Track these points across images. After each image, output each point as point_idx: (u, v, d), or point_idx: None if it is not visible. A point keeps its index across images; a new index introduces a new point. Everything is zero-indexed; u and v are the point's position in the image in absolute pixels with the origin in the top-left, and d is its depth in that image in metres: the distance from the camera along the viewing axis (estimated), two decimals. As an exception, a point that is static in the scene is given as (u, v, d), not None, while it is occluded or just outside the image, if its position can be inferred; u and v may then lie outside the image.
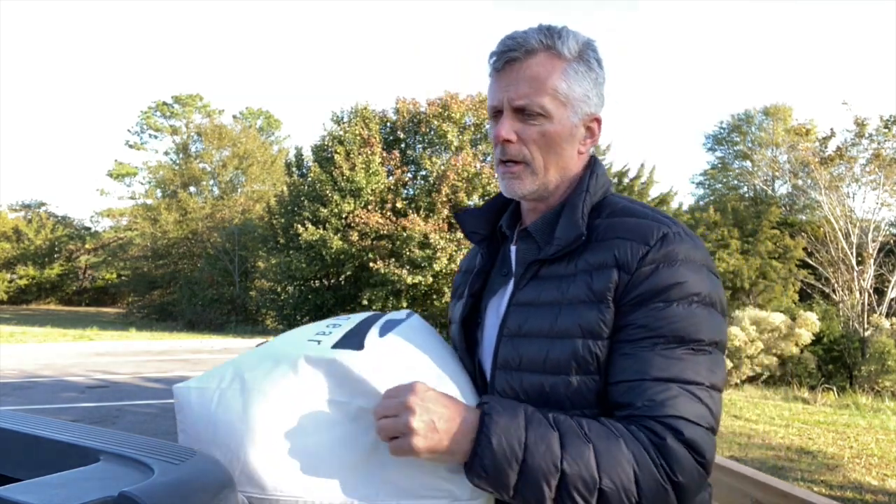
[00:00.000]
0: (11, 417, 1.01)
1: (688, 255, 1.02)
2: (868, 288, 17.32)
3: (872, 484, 5.35)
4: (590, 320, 1.01)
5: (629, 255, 1.01)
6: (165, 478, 0.78)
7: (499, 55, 1.10)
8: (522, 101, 1.08)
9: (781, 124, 30.05)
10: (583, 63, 1.11)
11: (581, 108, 1.11)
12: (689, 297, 0.99)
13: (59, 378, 9.80)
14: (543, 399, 1.03)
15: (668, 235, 1.02)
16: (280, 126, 40.04)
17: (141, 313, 28.94)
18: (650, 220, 1.05)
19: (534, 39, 1.08)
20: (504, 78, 1.09)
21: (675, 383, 0.96)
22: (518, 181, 1.12)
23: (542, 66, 1.08)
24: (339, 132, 20.60)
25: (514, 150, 1.10)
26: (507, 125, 1.09)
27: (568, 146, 1.12)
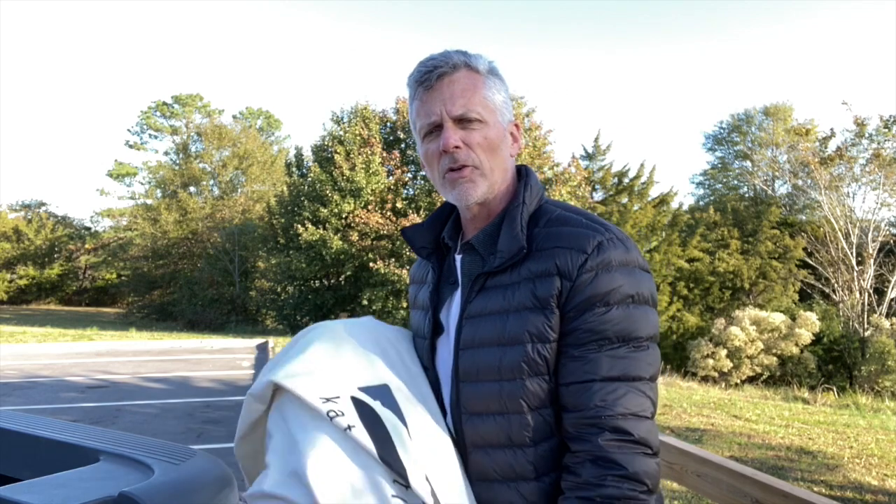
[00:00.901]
0: (11, 417, 1.01)
1: (621, 260, 1.10)
2: (868, 288, 17.32)
3: (872, 484, 5.35)
4: (536, 325, 1.09)
5: (569, 264, 1.09)
6: (165, 478, 0.78)
7: (429, 73, 1.18)
8: (462, 110, 1.17)
9: (781, 124, 30.03)
10: (495, 77, 1.23)
11: (505, 114, 1.23)
12: (625, 299, 1.08)
13: (59, 378, 9.80)
14: (503, 405, 1.11)
15: (602, 243, 1.10)
16: (280, 126, 40.07)
17: (141, 313, 28.92)
18: (585, 229, 1.13)
19: (454, 57, 1.19)
20: (436, 93, 1.18)
21: (622, 382, 1.06)
22: (471, 184, 1.18)
23: (468, 78, 1.19)
24: (339, 132, 20.60)
25: (464, 156, 1.17)
26: (452, 134, 1.16)
27: (504, 149, 1.22)
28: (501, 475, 1.12)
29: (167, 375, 10.39)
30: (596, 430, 1.03)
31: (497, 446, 1.12)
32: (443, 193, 1.24)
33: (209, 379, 10.17)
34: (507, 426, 1.11)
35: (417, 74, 1.20)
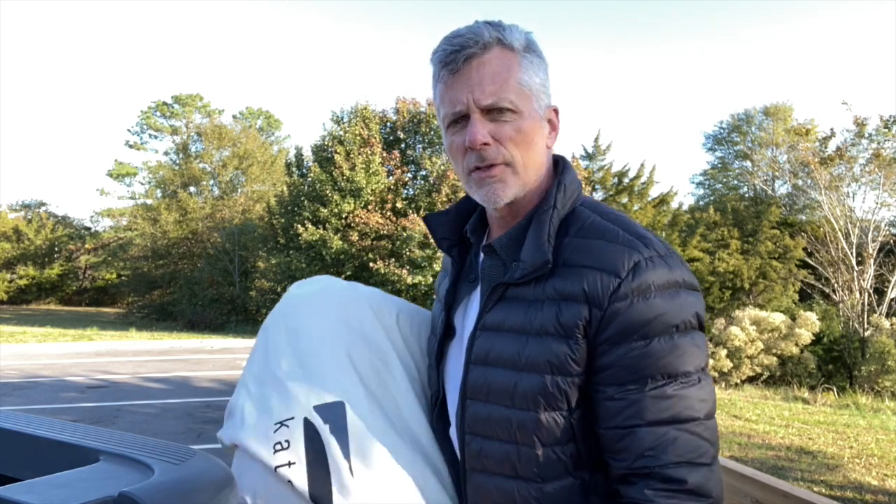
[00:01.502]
0: (11, 417, 1.01)
1: (663, 283, 0.95)
2: (868, 288, 17.32)
3: (872, 484, 5.35)
4: (558, 355, 0.96)
5: (599, 290, 0.95)
6: (165, 478, 0.78)
7: (455, 54, 1.01)
8: (492, 99, 1.01)
9: (781, 124, 30.03)
10: (533, 54, 1.06)
11: (542, 99, 1.06)
12: (668, 329, 0.94)
13: (59, 378, 9.80)
14: (512, 435, 1.00)
15: (640, 264, 0.95)
16: (280, 126, 40.07)
17: (141, 313, 28.92)
18: (620, 245, 0.98)
19: (485, 33, 1.01)
20: (463, 79, 1.01)
21: (671, 425, 0.93)
22: (502, 185, 1.04)
23: (500, 60, 1.02)
24: (339, 132, 20.61)
25: (493, 153, 1.02)
26: (480, 128, 1.01)
27: (539, 141, 1.06)
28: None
29: (167, 375, 10.39)
30: (644, 479, 0.92)
31: (500, 475, 1.02)
32: (468, 191, 1.10)
33: (209, 379, 10.17)
34: (515, 457, 1.00)
35: (442, 54, 1.03)
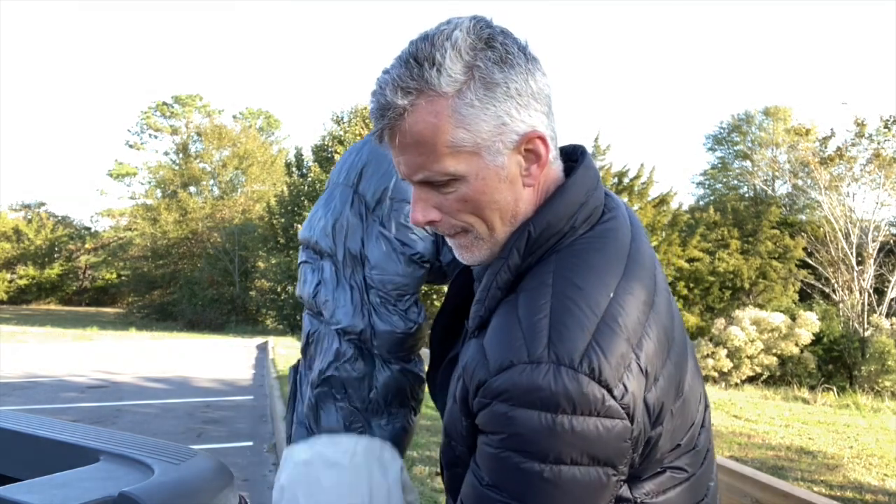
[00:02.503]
0: (11, 417, 1.01)
1: (538, 399, 0.75)
2: (868, 288, 17.33)
3: (872, 484, 5.35)
4: (456, 426, 0.87)
5: (471, 377, 0.81)
6: (165, 478, 0.78)
7: (377, 121, 0.85)
8: (421, 175, 0.85)
9: (781, 124, 30.06)
10: (478, 84, 0.82)
11: (499, 142, 0.84)
12: (521, 449, 0.76)
13: (59, 378, 9.80)
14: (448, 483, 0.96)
15: (514, 367, 0.76)
16: (280, 126, 40.05)
17: (141, 313, 28.93)
18: (517, 329, 0.79)
19: (398, 93, 0.81)
20: (392, 150, 0.86)
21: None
22: (468, 252, 0.90)
23: (422, 122, 0.82)
24: (339, 132, 20.63)
25: (446, 226, 0.89)
26: (421, 206, 0.88)
27: (504, 194, 0.86)
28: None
29: (167, 375, 10.39)
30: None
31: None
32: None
33: (209, 379, 10.17)
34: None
35: (371, 115, 0.88)
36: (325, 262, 1.27)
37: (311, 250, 1.30)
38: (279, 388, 8.33)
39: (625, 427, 0.76)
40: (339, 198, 1.27)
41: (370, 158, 1.28)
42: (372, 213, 1.26)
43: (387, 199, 1.25)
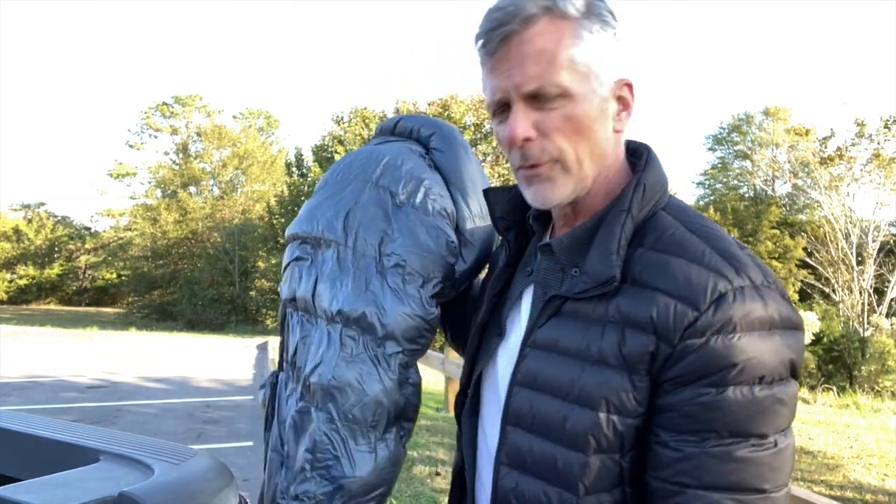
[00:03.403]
0: (11, 417, 1.01)
1: (753, 321, 0.77)
2: (868, 288, 17.33)
3: (872, 484, 5.35)
4: (618, 392, 0.81)
5: (671, 321, 0.78)
6: (165, 478, 0.78)
7: (489, 33, 0.85)
8: (534, 85, 0.84)
9: (781, 124, 30.06)
10: (595, 18, 0.86)
11: (606, 75, 0.87)
12: (751, 379, 0.76)
13: (59, 378, 9.80)
14: (554, 475, 0.85)
15: (725, 296, 0.77)
16: (280, 126, 40.04)
17: (141, 313, 28.93)
18: (705, 267, 0.80)
19: (529, 4, 0.84)
20: (503, 60, 0.85)
21: (729, 493, 0.76)
22: (549, 184, 0.88)
23: (547, 34, 0.84)
24: (339, 132, 20.63)
25: (538, 150, 0.86)
26: (522, 120, 0.85)
27: (600, 128, 0.87)
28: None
29: (167, 375, 10.39)
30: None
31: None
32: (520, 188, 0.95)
33: (209, 379, 10.17)
34: (557, 502, 0.85)
35: (479, 32, 0.87)
36: (326, 253, 1.17)
37: (307, 245, 1.20)
38: (279, 388, 8.32)
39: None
40: (350, 191, 1.20)
41: (392, 155, 1.23)
42: (405, 203, 1.18)
43: (421, 189, 1.18)
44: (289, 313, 1.22)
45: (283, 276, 1.24)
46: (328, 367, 1.10)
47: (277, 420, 1.18)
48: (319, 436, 1.09)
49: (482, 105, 20.21)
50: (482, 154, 20.23)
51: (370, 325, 1.11)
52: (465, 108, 20.31)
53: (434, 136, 1.27)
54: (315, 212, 1.21)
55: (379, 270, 1.13)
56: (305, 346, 1.15)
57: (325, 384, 1.10)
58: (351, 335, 1.11)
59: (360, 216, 1.16)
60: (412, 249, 1.14)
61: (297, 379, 1.15)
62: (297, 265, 1.20)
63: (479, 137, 20.53)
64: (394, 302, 1.11)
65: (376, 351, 1.12)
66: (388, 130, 1.35)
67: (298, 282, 1.18)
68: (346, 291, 1.12)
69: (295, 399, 1.15)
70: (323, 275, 1.15)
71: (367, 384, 1.10)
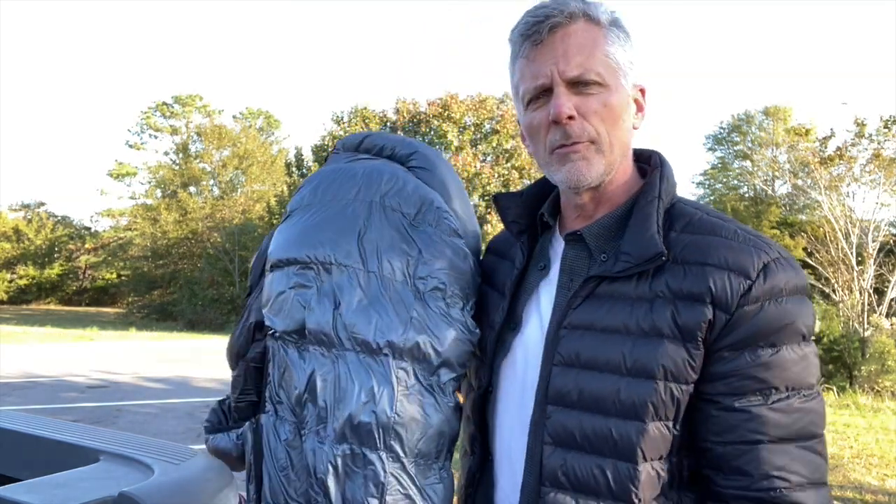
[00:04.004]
0: (11, 417, 1.01)
1: (793, 287, 0.89)
2: (868, 288, 17.32)
3: (872, 484, 5.35)
4: (675, 360, 0.88)
5: (728, 291, 0.87)
6: (165, 478, 0.78)
7: (538, 24, 0.96)
8: (577, 71, 0.95)
9: (781, 124, 30.04)
10: (619, 30, 1.00)
11: (628, 76, 1.00)
12: (797, 337, 0.88)
13: (59, 378, 9.80)
14: (610, 446, 0.90)
15: (769, 265, 0.89)
16: (280, 126, 40.03)
17: (141, 313, 28.92)
18: (744, 244, 0.91)
19: (571, 4, 0.97)
20: (547, 49, 0.96)
21: (794, 443, 0.87)
22: (586, 163, 0.96)
23: (586, 31, 0.97)
24: (339, 132, 20.61)
25: (578, 128, 0.95)
26: (565, 100, 0.94)
27: (627, 119, 1.00)
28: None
29: (167, 375, 10.38)
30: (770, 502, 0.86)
31: (589, 494, 0.91)
32: (547, 172, 1.03)
33: (209, 379, 10.16)
34: (612, 473, 0.90)
35: (524, 26, 0.97)
36: (338, 279, 1.08)
37: (310, 271, 1.09)
38: (279, 388, 8.31)
39: None
40: (352, 212, 1.12)
41: (389, 173, 1.18)
42: (421, 223, 1.13)
43: (433, 208, 1.14)
44: (279, 346, 1.10)
45: (270, 306, 1.11)
46: (387, 404, 1.03)
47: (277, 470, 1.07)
48: (386, 477, 1.02)
49: (482, 105, 20.21)
50: (482, 154, 20.22)
51: (424, 355, 1.06)
52: (466, 108, 20.29)
53: (415, 156, 1.23)
54: (311, 235, 1.12)
55: (417, 296, 1.08)
56: (331, 383, 1.04)
57: (386, 422, 1.02)
58: (403, 367, 1.05)
59: (377, 239, 1.10)
60: (448, 271, 1.10)
61: (321, 419, 1.04)
62: (299, 293, 1.08)
63: (479, 137, 20.51)
64: (444, 328, 1.07)
65: (430, 380, 1.07)
66: (353, 147, 1.28)
67: (305, 311, 1.07)
68: (388, 321, 1.05)
69: (325, 442, 1.04)
70: (349, 303, 1.06)
71: (429, 416, 1.05)
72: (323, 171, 1.23)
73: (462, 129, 20.22)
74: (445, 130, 19.73)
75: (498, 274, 1.14)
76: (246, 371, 1.17)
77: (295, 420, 1.07)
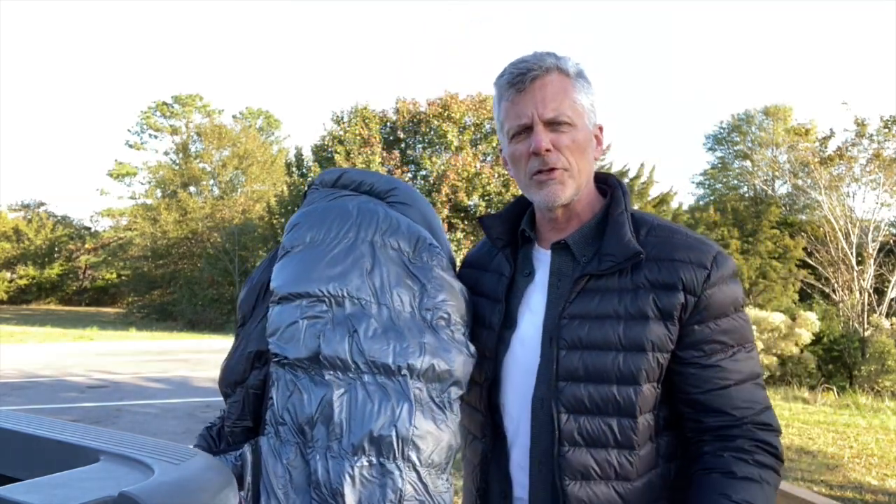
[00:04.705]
0: (11, 417, 1.01)
1: (731, 272, 1.18)
2: (868, 288, 17.32)
3: (872, 484, 5.35)
4: (659, 335, 1.14)
5: (695, 280, 1.14)
6: (165, 478, 0.78)
7: (522, 75, 1.19)
8: (553, 114, 1.18)
9: (781, 124, 30.04)
10: (583, 79, 1.24)
11: (591, 117, 1.24)
12: (739, 307, 1.18)
13: (59, 378, 9.80)
14: (614, 407, 1.15)
15: (717, 257, 1.16)
16: (280, 126, 40.07)
17: (141, 313, 28.93)
18: (696, 242, 1.19)
19: (546, 60, 1.21)
20: (528, 96, 1.19)
21: (750, 381, 1.16)
22: (561, 186, 1.20)
23: (559, 81, 1.20)
24: (339, 132, 20.60)
25: (554, 159, 1.19)
26: (544, 137, 1.18)
27: (590, 151, 1.24)
28: (602, 474, 1.16)
29: (167, 375, 10.39)
30: (747, 423, 1.14)
31: (600, 446, 1.16)
32: (527, 194, 1.27)
33: (209, 379, 10.17)
34: (616, 427, 1.15)
35: (510, 77, 1.21)
36: (349, 311, 1.18)
37: (322, 304, 1.19)
38: (279, 388, 8.31)
39: None
40: (359, 251, 1.23)
41: (383, 212, 1.29)
42: (418, 259, 1.27)
43: (426, 244, 1.29)
44: (287, 373, 1.18)
45: (280, 335, 1.18)
46: (406, 418, 1.15)
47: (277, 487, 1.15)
48: (403, 485, 1.14)
49: (482, 105, 20.21)
50: (482, 154, 20.23)
51: (438, 376, 1.19)
52: (466, 108, 20.30)
53: (395, 192, 1.35)
54: (320, 271, 1.20)
55: (426, 325, 1.22)
56: (346, 404, 1.14)
57: (406, 435, 1.14)
58: (418, 386, 1.17)
59: (384, 275, 1.23)
60: (450, 302, 1.26)
61: (334, 436, 1.14)
62: (312, 323, 1.17)
63: (480, 137, 20.51)
64: (454, 351, 1.22)
65: (442, 397, 1.20)
66: (331, 183, 1.36)
67: (320, 340, 1.16)
68: (405, 346, 1.18)
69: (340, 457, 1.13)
70: (364, 331, 1.17)
71: (441, 430, 1.19)
72: (312, 209, 1.32)
73: (462, 129, 20.22)
74: (445, 130, 19.73)
75: (482, 284, 1.35)
76: (244, 398, 1.25)
77: (298, 441, 1.17)
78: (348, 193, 1.34)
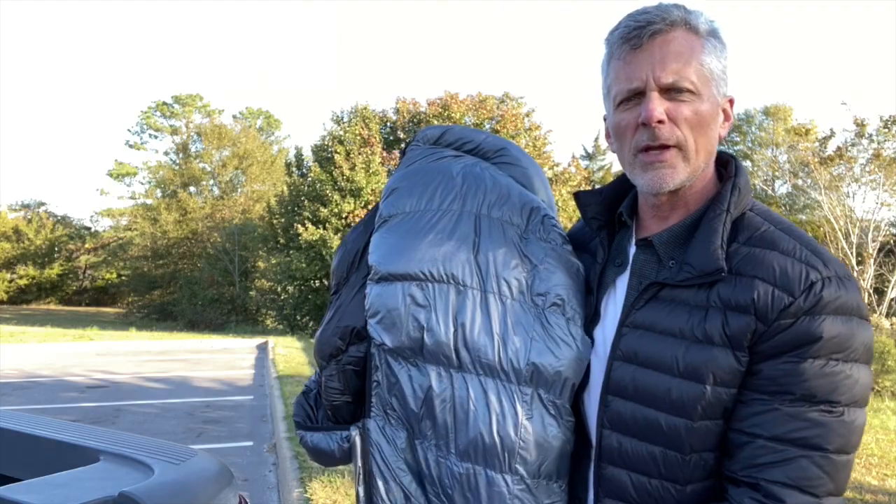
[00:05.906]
0: (11, 417, 1.01)
1: (837, 307, 0.91)
2: (868, 288, 17.32)
3: (872, 484, 5.34)
4: (723, 367, 0.94)
5: (769, 305, 0.92)
6: (165, 478, 0.78)
7: (639, 29, 0.99)
8: (673, 77, 0.97)
9: (781, 124, 30.04)
10: (717, 39, 1.02)
11: (720, 86, 1.02)
12: (828, 354, 0.90)
13: (59, 378, 9.80)
14: (660, 436, 0.97)
15: (815, 285, 0.91)
16: (280, 126, 40.03)
17: (141, 313, 28.91)
18: (797, 260, 0.94)
19: (672, 12, 1.00)
20: (645, 55, 0.98)
21: (795, 446, 0.90)
22: (670, 170, 1.00)
23: (684, 39, 0.99)
24: (339, 132, 20.60)
25: (667, 133, 0.98)
26: (657, 104, 0.97)
27: (714, 127, 1.02)
28: (639, 500, 1.01)
29: (167, 375, 10.39)
30: (748, 489, 0.92)
31: (640, 472, 1.00)
32: (629, 174, 1.06)
33: (209, 379, 10.16)
34: (661, 459, 0.98)
35: (625, 30, 1.01)
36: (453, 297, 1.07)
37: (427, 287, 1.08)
38: (279, 388, 8.32)
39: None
40: (464, 228, 1.11)
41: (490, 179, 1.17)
42: (531, 234, 1.14)
43: (540, 216, 1.15)
44: (387, 358, 1.09)
45: (381, 320, 1.09)
46: (512, 428, 1.04)
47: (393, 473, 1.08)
48: (511, 499, 1.03)
49: (482, 105, 20.20)
50: (482, 154, 20.23)
51: (546, 377, 1.06)
52: (466, 108, 20.29)
53: (503, 152, 1.23)
54: (423, 249, 1.10)
55: (536, 315, 1.08)
56: (450, 403, 1.05)
57: (511, 446, 1.03)
58: (526, 390, 1.05)
59: (491, 255, 1.09)
60: (565, 285, 1.11)
61: (442, 437, 1.06)
62: (415, 310, 1.07)
63: (479, 137, 20.49)
64: (566, 348, 1.07)
65: (554, 401, 1.07)
66: (433, 140, 1.26)
67: (424, 332, 1.06)
68: (511, 344, 1.06)
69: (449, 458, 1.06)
70: (470, 326, 1.06)
71: (552, 437, 1.06)
72: (412, 170, 1.20)
73: (462, 129, 20.20)
74: (445, 130, 19.71)
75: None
76: (340, 373, 1.15)
77: (408, 428, 1.08)
78: (451, 153, 1.22)
